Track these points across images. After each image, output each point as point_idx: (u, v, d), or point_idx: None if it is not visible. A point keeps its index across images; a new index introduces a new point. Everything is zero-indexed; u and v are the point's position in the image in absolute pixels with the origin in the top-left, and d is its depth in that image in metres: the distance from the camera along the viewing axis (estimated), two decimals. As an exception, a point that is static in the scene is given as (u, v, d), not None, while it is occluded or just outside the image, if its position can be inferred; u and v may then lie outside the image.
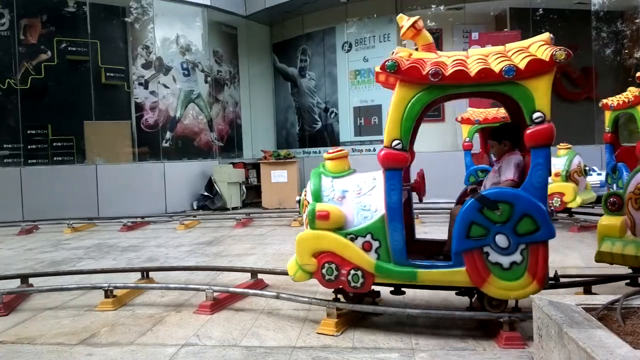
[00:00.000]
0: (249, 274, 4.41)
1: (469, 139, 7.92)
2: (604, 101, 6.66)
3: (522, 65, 2.74)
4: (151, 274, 4.67)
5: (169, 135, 11.79)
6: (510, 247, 2.82)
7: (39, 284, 4.60)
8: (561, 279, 3.72)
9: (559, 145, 7.47)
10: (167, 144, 11.75)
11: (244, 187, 11.72)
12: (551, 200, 6.98)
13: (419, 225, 7.85)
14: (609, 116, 6.67)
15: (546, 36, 2.89)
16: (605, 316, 2.22)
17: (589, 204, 7.51)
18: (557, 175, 7.10)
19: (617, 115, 6.59)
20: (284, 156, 11.32)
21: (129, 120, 11.26)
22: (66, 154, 10.54)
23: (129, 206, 10.13)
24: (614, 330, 2.04)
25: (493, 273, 2.86)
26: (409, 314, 3.23)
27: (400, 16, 3.19)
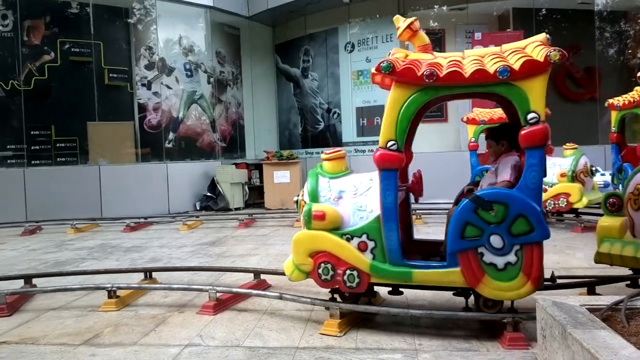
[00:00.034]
0: (251, 275, 4.42)
1: (474, 139, 7.90)
2: (610, 101, 6.62)
3: (517, 66, 2.74)
4: (154, 274, 4.68)
5: (171, 136, 11.81)
6: (505, 248, 2.82)
7: (42, 284, 4.62)
8: (558, 280, 3.71)
9: (565, 146, 7.38)
10: (170, 144, 11.77)
11: (246, 188, 11.72)
12: (557, 200, 6.92)
13: (422, 225, 7.85)
14: (615, 116, 6.63)
15: (542, 37, 2.89)
16: (609, 317, 2.22)
17: (596, 204, 7.44)
18: (563, 175, 7.01)
19: (623, 115, 6.54)
20: (286, 157, 11.32)
21: (132, 121, 11.30)
22: (69, 154, 10.57)
23: (132, 207, 10.14)
24: (618, 331, 2.03)
25: (488, 274, 2.86)
26: (412, 314, 3.23)
27: (397, 17, 3.20)
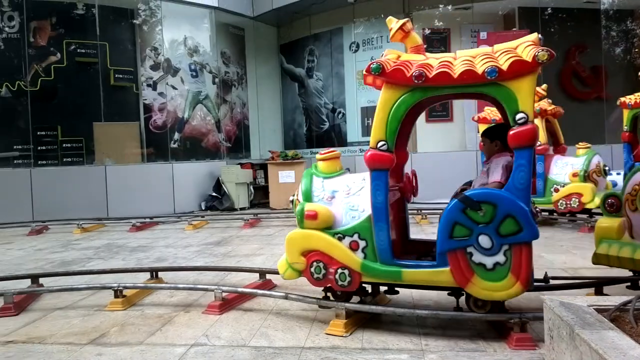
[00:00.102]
0: (257, 274, 4.42)
1: None
2: (622, 99, 6.55)
3: (505, 66, 2.74)
4: (160, 274, 4.69)
5: (177, 136, 11.85)
6: (494, 248, 2.80)
7: (49, 284, 4.63)
8: (562, 280, 3.69)
9: (578, 145, 7.27)
10: (176, 144, 11.81)
11: (251, 188, 11.74)
12: (569, 200, 6.82)
13: (428, 225, 7.83)
14: (626, 115, 6.54)
15: (534, 36, 2.89)
16: (618, 317, 2.20)
17: None
18: (575, 175, 6.88)
19: (636, 113, 6.44)
20: (291, 157, 11.33)
21: (137, 121, 11.34)
22: (76, 155, 10.63)
23: (137, 207, 10.18)
24: (626, 331, 2.02)
25: (477, 273, 2.85)
26: (418, 314, 3.22)
27: (390, 19, 3.24)
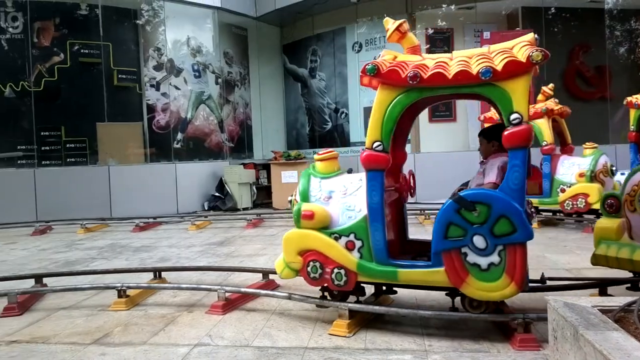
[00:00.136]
0: (260, 275, 4.41)
1: None
2: (629, 99, 6.51)
3: (500, 66, 2.74)
4: (163, 274, 4.70)
5: (180, 136, 11.87)
6: (488, 248, 2.80)
7: (52, 283, 4.65)
8: (561, 282, 3.67)
9: (585, 145, 7.24)
10: (179, 145, 11.83)
11: (254, 188, 11.75)
12: (575, 201, 6.78)
13: (430, 225, 7.81)
14: (633, 114, 6.50)
15: (530, 37, 2.89)
16: (622, 318, 2.19)
17: None
18: (581, 175, 6.84)
19: None
20: (294, 157, 11.33)
21: (140, 121, 11.38)
22: (79, 155, 10.66)
23: (141, 207, 10.20)
24: (631, 332, 2.01)
25: (471, 274, 2.85)
26: (421, 315, 3.21)
27: (386, 20, 3.27)
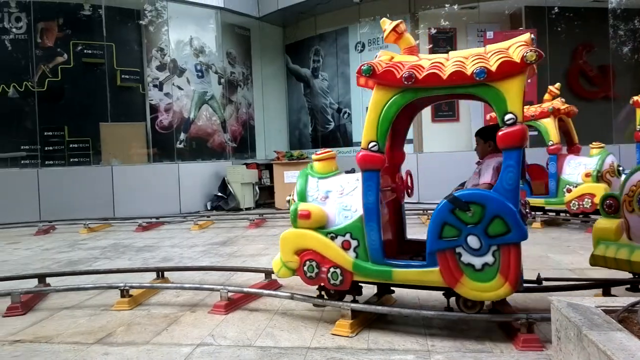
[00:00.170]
0: (262, 274, 4.42)
1: None
2: (635, 98, 6.50)
3: (494, 67, 2.74)
4: (166, 273, 4.71)
5: (183, 136, 11.88)
6: (482, 249, 2.80)
7: (56, 283, 4.66)
8: (544, 282, 3.66)
9: (591, 145, 7.19)
10: (181, 145, 11.85)
11: (257, 188, 11.75)
12: (581, 201, 6.73)
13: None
14: (639, 114, 6.50)
15: (526, 37, 2.88)
16: (626, 318, 2.18)
17: None
18: (588, 175, 6.79)
19: None
20: (296, 157, 11.33)
21: (143, 121, 11.39)
22: (82, 155, 10.69)
23: (143, 207, 10.22)
24: (634, 333, 1.99)
25: (466, 274, 2.85)
26: (424, 315, 3.20)
27: (383, 20, 3.29)
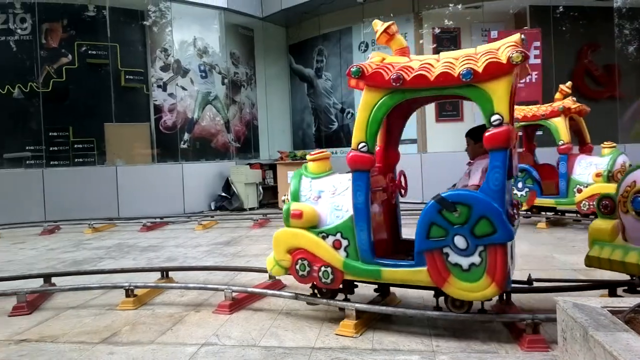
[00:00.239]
0: (266, 274, 4.41)
1: None
2: None
3: (481, 68, 2.75)
4: (170, 273, 4.72)
5: (186, 136, 11.90)
6: (469, 249, 2.81)
7: (61, 283, 4.68)
8: (535, 283, 3.65)
9: (603, 144, 7.10)
10: (185, 145, 11.86)
11: (260, 188, 11.76)
12: (592, 201, 6.57)
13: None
14: None
15: (516, 37, 2.89)
16: (632, 319, 2.17)
17: None
18: (598, 175, 6.72)
19: None
20: (300, 157, 11.33)
21: (147, 122, 11.41)
22: (87, 155, 10.72)
23: (148, 207, 10.24)
24: (641, 333, 1.99)
25: (453, 274, 2.87)
26: (429, 316, 3.19)
27: (375, 22, 3.33)
